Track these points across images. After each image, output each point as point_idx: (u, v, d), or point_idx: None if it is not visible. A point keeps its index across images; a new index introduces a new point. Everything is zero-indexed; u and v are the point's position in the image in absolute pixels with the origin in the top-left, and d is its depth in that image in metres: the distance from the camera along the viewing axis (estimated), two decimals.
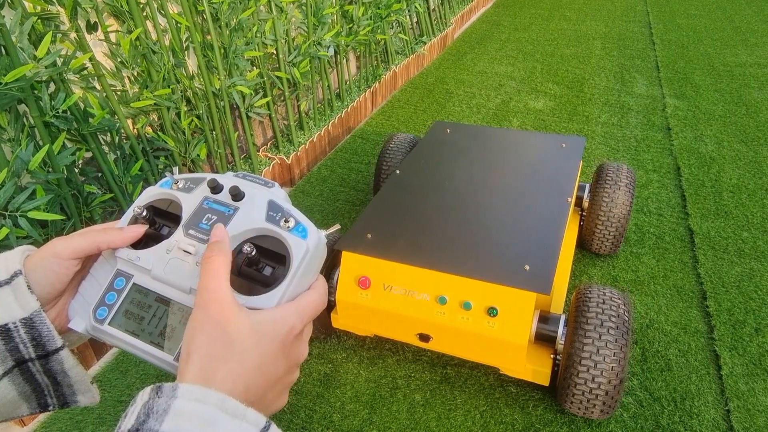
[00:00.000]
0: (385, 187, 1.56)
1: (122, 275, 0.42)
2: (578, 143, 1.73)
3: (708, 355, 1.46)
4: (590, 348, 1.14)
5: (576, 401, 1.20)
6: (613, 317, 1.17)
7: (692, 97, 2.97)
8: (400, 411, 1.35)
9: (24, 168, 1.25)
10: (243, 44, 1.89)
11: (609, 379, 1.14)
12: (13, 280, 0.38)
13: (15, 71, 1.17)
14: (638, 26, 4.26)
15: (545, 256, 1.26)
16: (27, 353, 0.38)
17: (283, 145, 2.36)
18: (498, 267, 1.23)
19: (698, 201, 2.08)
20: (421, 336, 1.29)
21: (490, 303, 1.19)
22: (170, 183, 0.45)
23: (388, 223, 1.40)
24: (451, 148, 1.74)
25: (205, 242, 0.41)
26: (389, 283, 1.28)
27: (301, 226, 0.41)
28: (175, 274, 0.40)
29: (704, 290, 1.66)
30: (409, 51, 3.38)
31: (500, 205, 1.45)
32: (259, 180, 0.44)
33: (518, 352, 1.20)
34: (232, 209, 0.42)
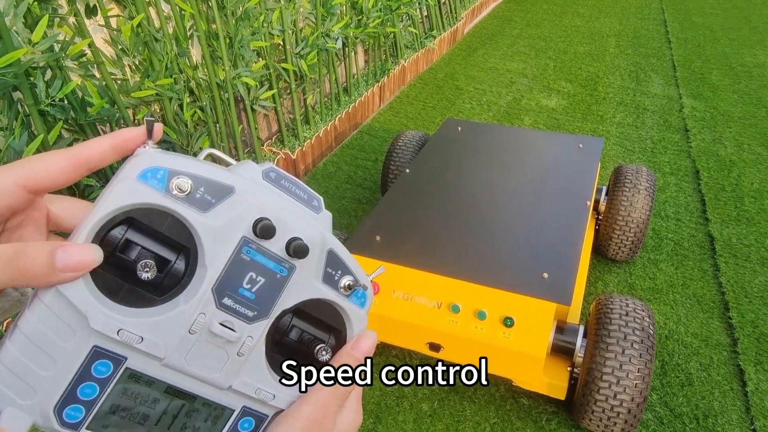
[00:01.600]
0: (395, 186, 1.50)
1: (105, 357, 0.26)
2: (596, 144, 1.67)
3: (731, 369, 1.39)
4: (613, 363, 1.07)
5: (595, 419, 1.13)
6: (637, 330, 1.10)
7: (710, 97, 2.88)
8: (407, 421, 1.29)
9: (17, 159, 1.19)
10: (249, 34, 1.82)
11: (632, 396, 1.07)
12: None
13: (8, 55, 1.11)
14: (653, 24, 4.17)
15: (565, 263, 1.20)
16: None
17: (288, 139, 2.29)
18: (514, 274, 1.17)
19: (718, 206, 2.00)
20: (431, 345, 1.22)
21: (506, 312, 1.13)
22: (165, 181, 0.26)
23: (397, 225, 1.34)
24: (462, 147, 1.69)
25: (250, 321, 0.28)
26: (399, 288, 1.22)
27: (359, 291, 0.31)
28: (204, 366, 0.28)
29: (726, 300, 1.59)
30: (418, 45, 3.30)
31: (516, 208, 1.39)
32: (300, 191, 0.30)
33: (535, 365, 1.12)
34: (287, 269, 0.29)
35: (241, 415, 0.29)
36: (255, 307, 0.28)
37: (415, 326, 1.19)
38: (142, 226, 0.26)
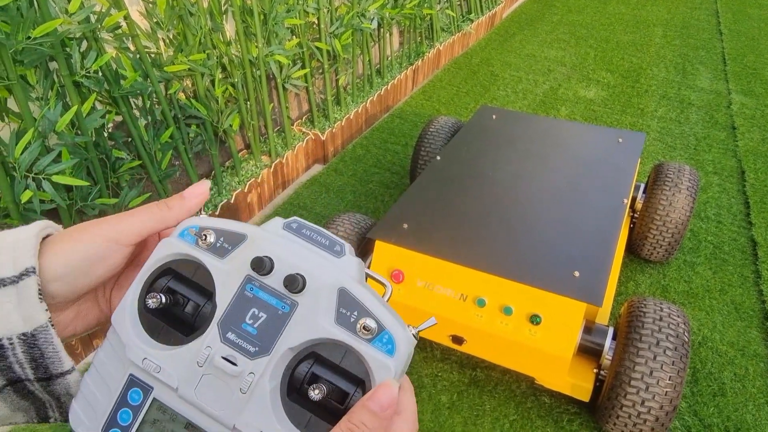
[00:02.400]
0: (425, 174, 1.46)
1: (137, 385, 0.30)
2: (637, 139, 1.60)
3: (767, 382, 1.33)
4: (643, 368, 1.03)
5: (620, 424, 1.09)
6: (671, 336, 1.05)
7: (762, 94, 2.73)
8: (424, 412, 1.27)
9: (51, 129, 1.20)
10: (284, 11, 1.79)
11: (661, 404, 1.03)
12: (22, 280, 0.28)
13: (45, 25, 1.11)
14: (704, 14, 3.96)
15: (597, 262, 1.15)
16: (23, 374, 0.29)
17: (319, 120, 2.27)
18: (544, 271, 1.13)
19: (764, 209, 1.90)
20: (454, 338, 1.19)
21: (534, 310, 1.09)
22: (194, 239, 0.31)
23: (426, 213, 1.30)
24: (497, 136, 1.63)
25: (251, 356, 0.28)
26: (424, 279, 1.18)
27: (386, 334, 0.28)
28: (211, 401, 0.29)
29: (766, 309, 1.51)
30: (455, 28, 3.22)
31: (549, 203, 1.34)
32: (322, 238, 0.31)
33: (560, 365, 1.09)
34: (288, 306, 0.29)
35: None
36: (257, 343, 0.29)
37: (439, 318, 1.16)
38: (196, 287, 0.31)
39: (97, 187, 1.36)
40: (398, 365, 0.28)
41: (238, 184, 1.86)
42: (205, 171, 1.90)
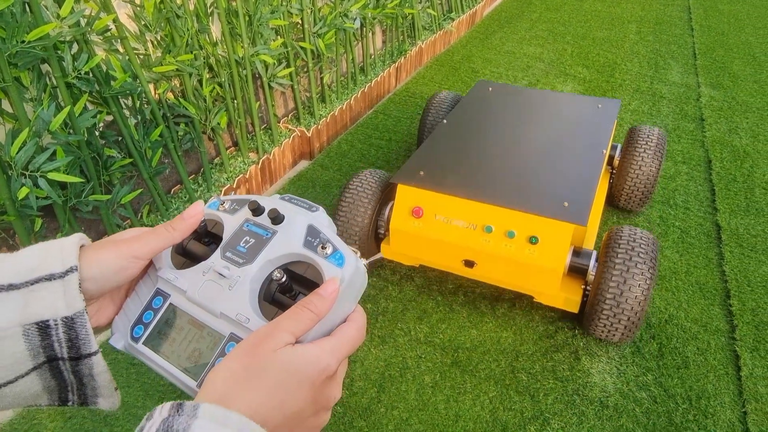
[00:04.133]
0: (434, 133, 1.68)
1: (161, 294, 0.41)
2: (614, 105, 1.83)
3: (728, 354, 1.42)
4: (618, 279, 1.27)
5: (600, 325, 1.34)
6: (641, 254, 1.28)
7: (729, 87, 2.85)
8: (409, 391, 1.35)
9: (45, 128, 1.25)
10: (268, 12, 1.85)
11: (632, 306, 1.27)
12: (68, 275, 0.36)
13: (38, 29, 1.16)
14: (677, 10, 4.09)
15: (582, 194, 1.39)
16: (60, 352, 0.37)
17: (304, 117, 2.33)
18: (540, 201, 1.36)
19: (728, 196, 2.01)
20: (466, 262, 1.40)
21: (532, 232, 1.32)
22: (217, 204, 0.45)
23: (438, 162, 1.53)
24: (494, 103, 1.87)
25: (239, 265, 0.40)
26: (440, 213, 1.40)
27: (338, 253, 0.39)
28: (207, 297, 0.39)
29: (728, 288, 1.61)
30: (436, 27, 3.29)
31: (542, 152, 1.58)
32: (304, 203, 0.44)
33: (554, 278, 1.32)
34: (270, 233, 0.41)
35: (228, 340, 0.38)
36: (245, 256, 0.40)
37: (454, 245, 1.39)
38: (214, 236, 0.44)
39: (90, 184, 1.41)
40: (345, 273, 0.37)
41: (226, 180, 1.91)
42: (194, 168, 1.95)
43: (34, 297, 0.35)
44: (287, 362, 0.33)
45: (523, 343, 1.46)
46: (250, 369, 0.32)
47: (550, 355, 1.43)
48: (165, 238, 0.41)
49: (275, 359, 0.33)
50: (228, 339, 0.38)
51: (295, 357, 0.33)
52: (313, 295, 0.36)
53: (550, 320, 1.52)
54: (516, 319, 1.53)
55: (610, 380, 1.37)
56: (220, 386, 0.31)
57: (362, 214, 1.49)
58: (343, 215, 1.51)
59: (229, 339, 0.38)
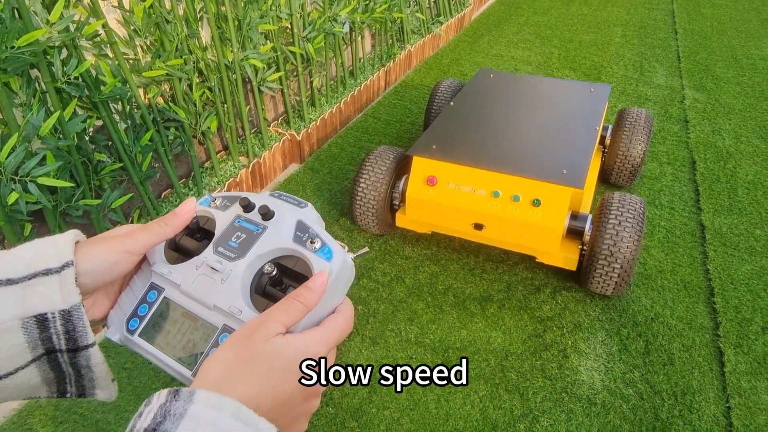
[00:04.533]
0: (442, 113, 1.84)
1: (155, 288, 0.43)
2: (605, 89, 1.99)
3: (712, 351, 1.45)
4: (611, 237, 1.43)
5: (597, 277, 1.48)
6: (630, 216, 1.44)
7: (713, 89, 2.90)
8: (400, 392, 1.36)
9: (35, 133, 1.25)
10: (257, 17, 1.86)
11: (622, 264, 1.43)
12: (64, 269, 0.37)
13: (28, 35, 1.16)
14: (661, 14, 4.15)
15: (578, 163, 1.55)
16: (58, 344, 0.38)
17: (294, 121, 2.34)
18: (542, 169, 1.52)
19: (712, 196, 2.05)
20: (476, 225, 1.56)
21: (535, 196, 1.47)
22: (209, 201, 0.46)
23: (449, 137, 1.69)
24: (496, 87, 2.03)
25: (231, 260, 0.41)
26: (452, 181, 1.56)
27: (326, 248, 0.40)
28: (201, 291, 0.41)
29: (712, 286, 1.65)
30: (425, 30, 3.32)
31: (542, 127, 1.74)
32: (293, 200, 0.45)
33: (555, 237, 1.48)
34: (261, 228, 0.42)
35: (221, 331, 0.39)
36: (237, 251, 0.42)
37: (464, 210, 1.54)
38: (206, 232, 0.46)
39: (81, 189, 1.41)
40: (333, 267, 0.39)
41: (217, 184, 1.92)
42: (185, 172, 1.95)
43: (32, 291, 0.36)
44: (278, 351, 0.34)
45: (512, 342, 1.48)
46: (243, 357, 0.33)
47: (539, 353, 1.45)
48: (157, 234, 0.43)
49: (266, 348, 0.34)
50: (221, 330, 0.39)
51: (285, 346, 0.35)
52: (302, 288, 0.37)
53: (539, 320, 1.55)
54: (505, 319, 1.55)
55: (597, 377, 1.39)
56: (214, 374, 0.33)
57: (378, 187, 1.66)
58: (361, 189, 1.68)
59: (222, 330, 0.39)
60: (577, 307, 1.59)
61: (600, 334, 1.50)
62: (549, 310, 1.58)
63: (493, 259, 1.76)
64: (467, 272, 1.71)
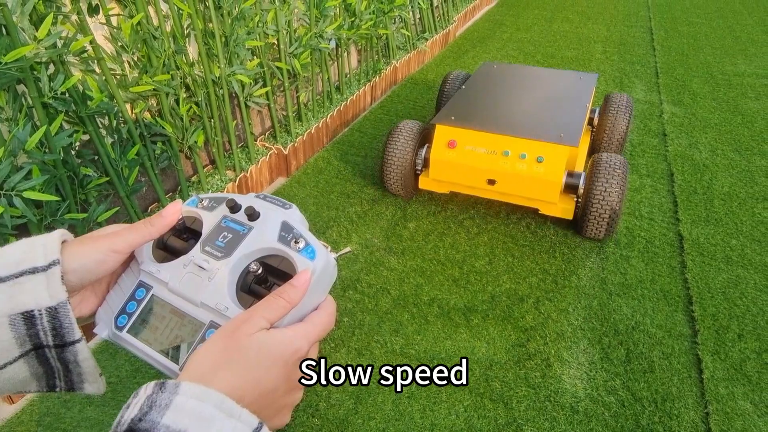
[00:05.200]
0: (456, 95, 2.16)
1: (143, 286, 0.44)
2: (592, 77, 2.35)
3: (691, 358, 1.49)
4: (600, 188, 1.74)
5: (591, 223, 1.80)
6: (616, 174, 1.76)
7: (689, 104, 2.99)
8: (386, 402, 1.37)
9: (21, 148, 1.26)
10: (244, 33, 1.89)
11: (611, 211, 1.75)
12: (51, 268, 0.38)
13: (15, 51, 1.18)
14: (640, 31, 4.27)
15: (573, 128, 1.88)
16: (46, 340, 0.39)
17: (281, 135, 2.36)
18: (544, 132, 1.85)
19: (690, 207, 2.10)
20: (489, 181, 1.87)
21: (539, 154, 1.79)
22: (195, 202, 0.48)
23: (465, 110, 2.03)
24: (500, 75, 2.38)
25: (218, 259, 0.43)
26: (469, 144, 1.88)
27: (310, 247, 0.42)
28: (188, 288, 0.42)
29: (690, 295, 1.69)
30: (410, 46, 3.38)
31: (541, 103, 2.09)
32: (278, 201, 0.46)
33: (555, 188, 1.79)
34: (247, 228, 0.44)
35: (208, 327, 0.41)
36: (223, 251, 0.43)
37: (480, 168, 1.86)
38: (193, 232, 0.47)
39: (66, 203, 1.41)
40: (316, 265, 0.41)
41: None
42: (171, 186, 1.96)
43: (19, 289, 0.37)
44: (262, 345, 0.36)
45: (496, 352, 1.50)
46: (228, 351, 0.35)
47: (522, 363, 1.47)
48: (142, 234, 0.44)
49: (251, 342, 0.36)
50: (208, 326, 0.41)
51: (269, 340, 0.36)
52: (286, 286, 0.39)
53: (523, 329, 1.57)
54: (489, 329, 1.57)
55: (580, 386, 1.41)
56: (200, 367, 0.34)
57: (405, 155, 1.99)
58: (389, 157, 1.99)
59: (209, 326, 0.41)
60: (559, 316, 1.62)
61: (582, 343, 1.53)
62: (532, 319, 1.60)
63: (477, 271, 1.79)
64: (452, 283, 1.74)
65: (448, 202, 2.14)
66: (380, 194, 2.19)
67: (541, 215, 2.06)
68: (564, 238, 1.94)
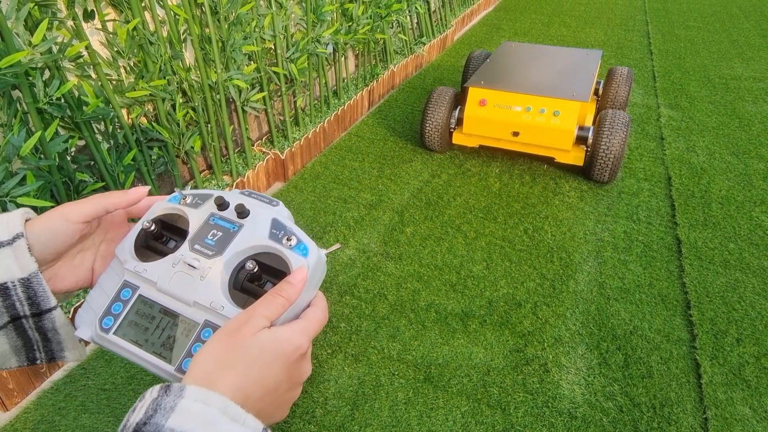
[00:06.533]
0: (483, 66, 2.56)
1: (129, 286, 0.43)
2: (597, 53, 2.72)
3: (689, 363, 1.48)
4: (606, 138, 2.12)
5: (596, 170, 2.18)
6: (618, 126, 2.12)
7: (687, 108, 2.99)
8: (382, 408, 1.36)
9: (15, 154, 1.25)
10: (241, 38, 1.89)
11: (614, 155, 2.11)
12: (15, 241, 0.39)
13: (10, 57, 1.17)
14: (637, 35, 4.29)
15: (582, 88, 2.27)
16: (22, 311, 0.39)
17: (278, 140, 2.36)
18: (559, 91, 2.24)
19: (687, 211, 2.10)
20: (514, 133, 2.23)
21: (555, 108, 2.17)
22: (178, 198, 0.46)
23: (491, 76, 2.42)
24: (519, 52, 2.76)
25: (209, 257, 0.42)
26: (497, 102, 2.26)
27: (302, 244, 0.42)
28: (179, 288, 0.41)
29: (688, 299, 1.68)
30: (408, 51, 3.39)
31: (556, 69, 2.49)
32: (265, 198, 0.46)
33: (569, 137, 2.16)
34: (237, 226, 0.43)
35: (203, 327, 0.40)
36: (214, 249, 0.43)
37: (506, 122, 2.23)
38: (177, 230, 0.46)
39: None
40: (309, 262, 0.41)
41: None
42: (168, 191, 1.95)
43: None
44: (265, 343, 0.36)
45: (494, 358, 1.50)
46: (232, 351, 0.35)
47: (520, 368, 1.47)
48: (95, 204, 0.43)
49: (254, 341, 0.36)
50: (203, 325, 0.40)
51: (272, 338, 0.37)
52: (283, 283, 0.39)
53: (520, 335, 1.56)
54: (487, 334, 1.57)
55: (578, 391, 1.40)
56: (204, 368, 0.34)
57: (441, 115, 2.37)
58: (429, 117, 2.38)
59: (204, 325, 0.40)
60: (557, 321, 1.61)
61: (580, 348, 1.52)
62: (530, 325, 1.60)
63: (475, 276, 1.78)
64: (449, 288, 1.73)
65: (445, 207, 2.14)
66: (377, 199, 2.19)
67: (539, 219, 2.05)
68: (562, 243, 1.94)
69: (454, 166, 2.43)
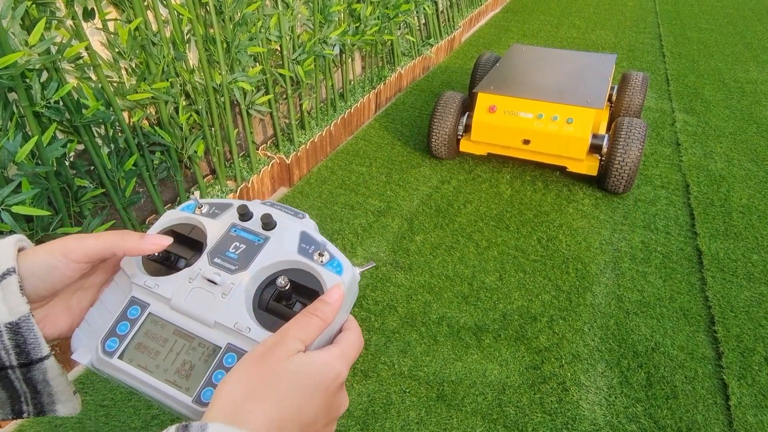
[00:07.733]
0: (493, 70, 2.47)
1: (137, 304, 0.37)
2: (611, 57, 2.65)
3: (715, 383, 1.41)
4: (622, 148, 2.02)
5: (611, 181, 2.08)
6: (635, 135, 2.02)
7: (702, 112, 2.92)
8: (394, 429, 1.30)
9: (10, 159, 1.19)
10: (246, 39, 1.83)
11: (630, 167, 2.02)
12: (5, 278, 0.33)
13: (5, 58, 1.11)
14: (648, 38, 4.21)
15: (597, 94, 2.19)
16: (8, 360, 0.34)
17: (284, 144, 2.30)
18: (573, 98, 2.15)
19: (707, 220, 2.03)
20: (524, 141, 2.13)
21: (569, 116, 2.07)
22: (193, 207, 0.42)
23: (502, 81, 2.33)
24: (530, 55, 2.67)
25: (232, 272, 0.37)
26: (507, 108, 2.16)
27: (336, 260, 0.37)
28: (198, 306, 0.36)
29: (712, 314, 1.61)
30: (415, 53, 3.32)
31: (570, 74, 2.42)
32: (289, 210, 0.42)
33: (583, 146, 2.06)
34: (262, 239, 0.39)
35: (226, 351, 0.35)
36: (237, 263, 0.38)
37: (516, 129, 2.13)
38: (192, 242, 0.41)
39: (59, 216, 1.34)
40: (344, 280, 0.36)
41: None
42: (170, 197, 1.89)
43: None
44: (302, 368, 0.31)
45: (510, 375, 1.43)
46: (264, 377, 0.30)
47: (537, 386, 1.40)
48: (108, 245, 0.37)
49: (288, 366, 0.31)
50: (225, 349, 0.35)
51: (309, 363, 0.31)
52: (318, 302, 0.35)
53: (536, 351, 1.50)
54: (501, 350, 1.50)
55: (599, 412, 1.33)
56: (230, 400, 0.29)
57: (449, 121, 2.26)
58: (436, 123, 2.27)
59: (227, 349, 0.35)
60: (575, 336, 1.54)
61: (600, 366, 1.45)
62: (546, 340, 1.53)
63: (488, 287, 1.72)
64: (461, 300, 1.66)
65: (456, 214, 2.07)
66: (386, 206, 2.12)
67: (553, 228, 1.99)
68: (577, 253, 1.87)
69: (464, 171, 2.36)
